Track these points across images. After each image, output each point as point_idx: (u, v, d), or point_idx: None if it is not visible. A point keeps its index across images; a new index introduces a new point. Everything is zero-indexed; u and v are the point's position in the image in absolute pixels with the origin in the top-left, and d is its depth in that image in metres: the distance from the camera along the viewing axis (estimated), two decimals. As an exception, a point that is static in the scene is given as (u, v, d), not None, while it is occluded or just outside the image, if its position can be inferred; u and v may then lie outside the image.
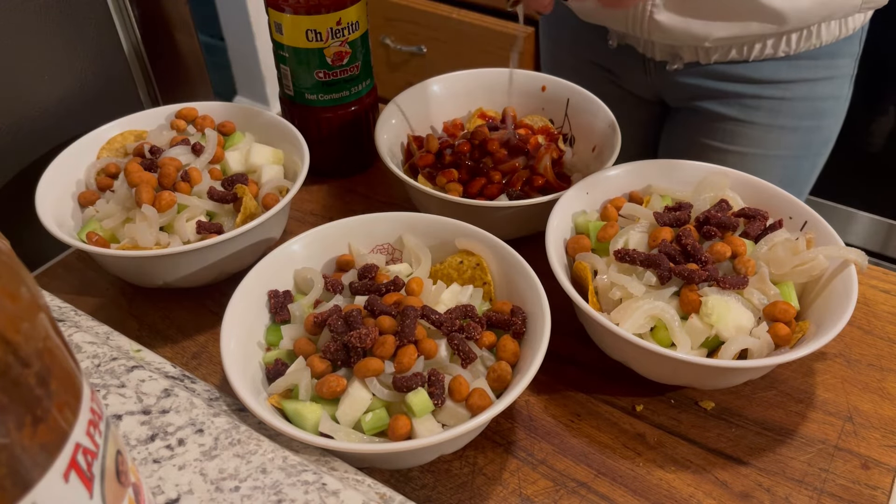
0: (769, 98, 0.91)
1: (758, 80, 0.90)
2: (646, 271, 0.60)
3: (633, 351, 0.58)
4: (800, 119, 0.93)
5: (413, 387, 0.52)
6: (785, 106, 0.91)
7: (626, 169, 0.71)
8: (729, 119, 0.93)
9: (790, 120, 0.92)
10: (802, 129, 0.94)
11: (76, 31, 0.78)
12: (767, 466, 0.56)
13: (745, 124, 0.93)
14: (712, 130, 0.95)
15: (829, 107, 0.94)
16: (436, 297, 0.59)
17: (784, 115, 0.92)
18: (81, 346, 0.54)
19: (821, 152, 0.99)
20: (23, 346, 0.25)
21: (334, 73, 0.79)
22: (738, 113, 0.93)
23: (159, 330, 0.69)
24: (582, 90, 0.83)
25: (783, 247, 0.62)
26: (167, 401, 0.50)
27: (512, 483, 0.55)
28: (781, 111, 0.91)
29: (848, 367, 0.64)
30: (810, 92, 0.91)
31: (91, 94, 0.82)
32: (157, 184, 0.69)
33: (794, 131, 0.93)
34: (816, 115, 0.93)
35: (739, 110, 0.92)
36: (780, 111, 0.91)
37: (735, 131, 0.94)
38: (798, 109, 0.92)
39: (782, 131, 0.93)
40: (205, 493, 0.44)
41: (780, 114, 0.92)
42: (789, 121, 0.92)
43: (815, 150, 0.97)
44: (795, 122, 0.93)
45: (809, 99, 0.91)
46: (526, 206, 0.69)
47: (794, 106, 0.91)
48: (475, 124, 0.84)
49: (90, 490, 0.28)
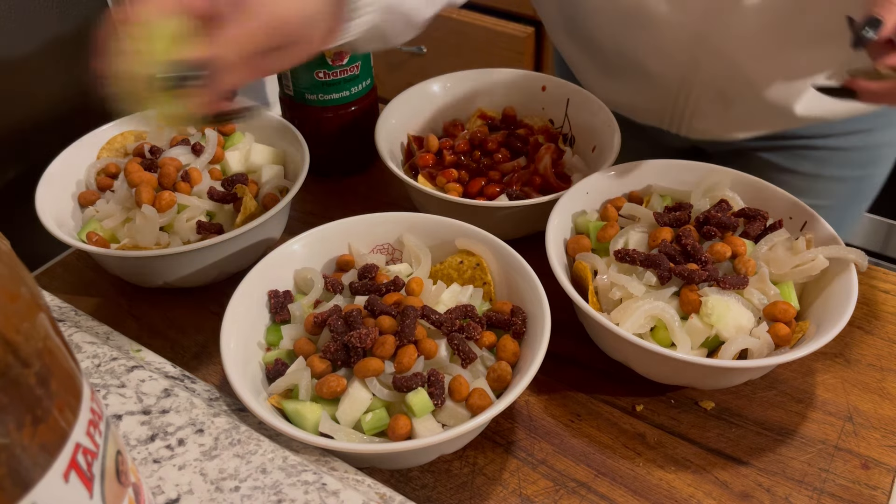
0: (820, 148, 0.82)
1: (807, 135, 0.81)
2: (646, 271, 0.60)
3: (633, 351, 0.58)
4: (851, 169, 0.83)
5: (413, 387, 0.52)
6: (836, 156, 0.82)
7: (626, 169, 0.71)
8: (772, 166, 0.84)
9: (839, 170, 0.83)
10: (853, 179, 0.85)
11: (76, 31, 0.78)
12: (767, 466, 0.56)
13: (789, 173, 0.84)
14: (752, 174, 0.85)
15: (885, 154, 0.84)
16: (436, 297, 0.59)
17: (833, 165, 0.82)
18: (81, 346, 0.54)
19: (868, 198, 0.89)
20: (23, 346, 0.25)
21: (334, 73, 0.79)
22: (782, 161, 0.84)
23: (159, 330, 0.69)
24: (582, 90, 0.83)
25: (783, 247, 0.62)
26: (167, 401, 0.50)
27: (512, 483, 0.55)
28: (831, 161, 0.82)
29: (848, 367, 0.64)
30: (866, 141, 0.81)
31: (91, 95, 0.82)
32: (157, 184, 0.69)
33: (843, 181, 0.84)
34: (870, 164, 0.84)
35: (785, 158, 0.84)
36: (828, 161, 0.82)
37: (776, 180, 0.82)
38: (851, 159, 0.82)
39: (829, 181, 0.83)
40: (205, 493, 0.44)
41: (829, 163, 0.82)
42: (838, 171, 0.83)
43: (864, 196, 0.88)
44: (846, 172, 0.83)
45: (865, 148, 0.82)
46: (526, 206, 0.69)
47: (848, 156, 0.82)
48: (475, 124, 0.84)
49: (90, 490, 0.28)
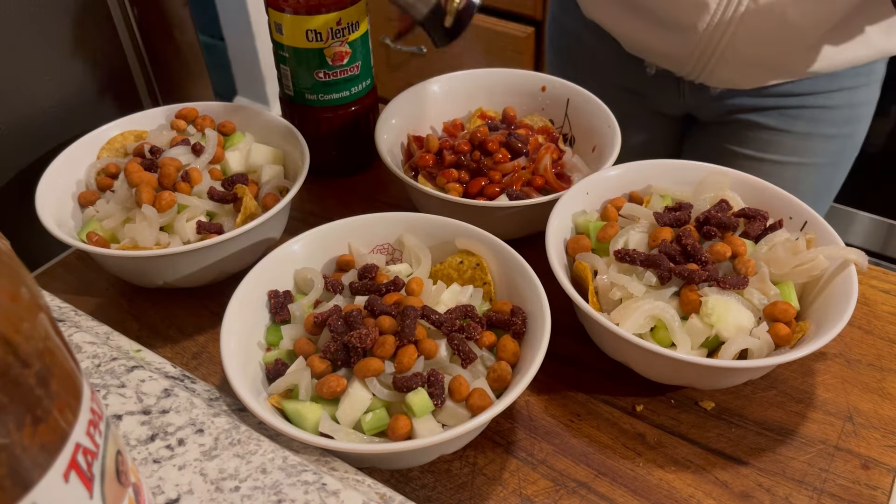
0: (810, 107, 0.89)
1: (798, 93, 0.88)
2: (646, 271, 0.60)
3: (633, 351, 0.58)
4: (838, 126, 0.91)
5: (413, 387, 0.52)
6: (825, 114, 0.89)
7: (626, 169, 0.71)
8: (765, 128, 0.91)
9: (829, 127, 0.90)
10: (840, 137, 0.92)
11: (76, 31, 0.78)
12: (767, 466, 0.56)
13: (782, 133, 0.91)
14: (745, 140, 0.93)
15: (865, 112, 0.93)
16: (436, 297, 0.59)
17: (824, 123, 0.90)
18: (81, 346, 0.54)
19: (852, 158, 0.97)
20: (23, 346, 0.25)
21: (334, 73, 0.79)
22: (776, 122, 0.90)
23: (159, 330, 0.69)
24: (582, 90, 0.83)
25: (783, 247, 0.62)
26: (167, 401, 0.50)
27: (512, 483, 0.55)
28: (822, 119, 0.89)
29: (848, 367, 0.64)
30: (850, 99, 0.89)
31: (91, 94, 0.82)
32: (157, 184, 0.69)
33: (832, 139, 0.92)
34: (853, 122, 0.92)
35: (778, 120, 0.90)
36: (820, 119, 0.89)
37: (771, 140, 0.91)
38: (838, 117, 0.90)
39: (821, 139, 0.91)
40: (205, 493, 0.44)
41: (821, 122, 0.90)
42: (828, 128, 0.90)
43: (848, 155, 0.96)
44: (834, 130, 0.91)
45: (848, 106, 0.90)
46: (526, 206, 0.69)
47: (834, 114, 0.89)
48: (475, 124, 0.84)
49: (90, 490, 0.28)
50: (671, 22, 0.83)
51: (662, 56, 0.89)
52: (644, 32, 0.88)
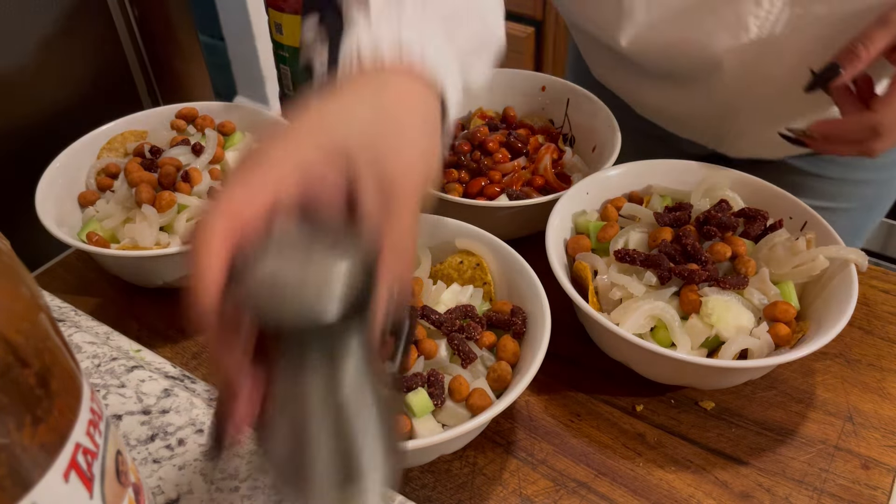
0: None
1: None
2: (646, 271, 0.60)
3: (633, 351, 0.58)
4: (876, 171, 0.81)
5: (413, 387, 0.52)
6: (861, 160, 0.78)
7: (626, 169, 0.71)
8: (796, 171, 0.81)
9: (865, 173, 0.81)
10: (876, 182, 0.83)
11: (76, 32, 0.78)
12: (767, 466, 0.56)
13: (813, 178, 0.81)
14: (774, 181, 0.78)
15: None
16: (436, 297, 0.59)
17: (860, 169, 0.80)
18: (81, 346, 0.54)
19: (889, 201, 0.87)
20: (23, 346, 0.25)
21: (334, 73, 0.78)
22: (808, 166, 0.81)
23: (159, 330, 0.69)
24: (582, 90, 0.83)
25: (783, 247, 0.62)
26: (167, 401, 0.50)
27: (512, 483, 0.55)
28: (857, 165, 0.80)
29: (848, 367, 0.64)
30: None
31: (91, 94, 0.82)
32: (158, 184, 0.69)
33: (867, 184, 0.82)
34: (891, 167, 0.81)
35: (810, 164, 0.81)
36: (856, 165, 0.80)
37: (803, 185, 0.81)
38: (877, 162, 0.79)
39: (855, 184, 0.82)
40: (205, 493, 0.44)
41: (857, 168, 0.80)
42: (864, 174, 0.81)
43: (885, 200, 0.86)
44: (872, 175, 0.81)
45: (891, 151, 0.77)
46: (526, 206, 0.69)
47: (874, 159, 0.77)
48: (475, 124, 0.84)
49: (90, 490, 0.28)
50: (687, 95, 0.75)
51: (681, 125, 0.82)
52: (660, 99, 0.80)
